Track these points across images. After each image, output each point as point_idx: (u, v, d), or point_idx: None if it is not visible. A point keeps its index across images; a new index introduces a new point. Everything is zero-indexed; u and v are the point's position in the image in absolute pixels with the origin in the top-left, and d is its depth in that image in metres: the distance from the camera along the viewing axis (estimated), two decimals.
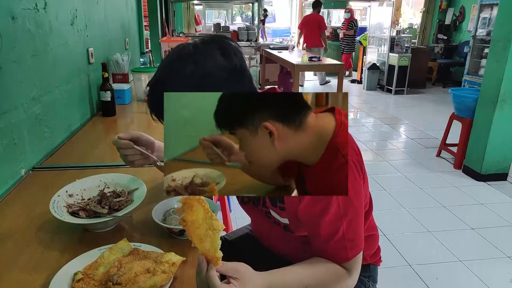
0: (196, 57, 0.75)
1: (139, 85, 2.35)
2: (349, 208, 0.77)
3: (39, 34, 1.43)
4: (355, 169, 0.77)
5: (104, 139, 1.81)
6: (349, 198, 0.76)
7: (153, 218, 0.91)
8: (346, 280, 0.81)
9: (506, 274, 2.17)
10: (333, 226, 0.77)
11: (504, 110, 3.11)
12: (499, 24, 3.14)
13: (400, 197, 3.04)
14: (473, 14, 7.20)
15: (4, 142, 1.17)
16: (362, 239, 0.82)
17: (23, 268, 0.82)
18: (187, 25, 8.31)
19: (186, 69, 0.74)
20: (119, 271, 0.75)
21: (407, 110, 6.03)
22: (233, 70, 0.76)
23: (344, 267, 0.81)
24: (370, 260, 1.08)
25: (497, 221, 2.72)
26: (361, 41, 8.02)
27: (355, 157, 0.78)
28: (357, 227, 0.80)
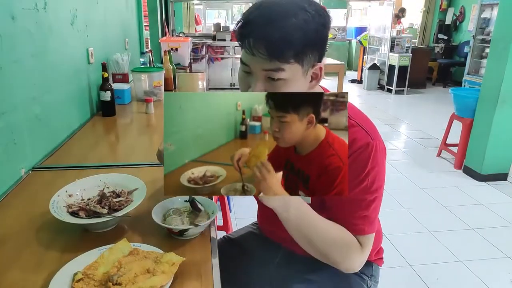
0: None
1: (139, 85, 2.35)
2: (379, 188, 0.83)
3: (39, 34, 1.43)
4: (384, 155, 0.86)
5: (104, 139, 1.81)
6: (381, 178, 0.83)
7: (153, 218, 0.91)
8: (357, 252, 0.83)
9: (506, 274, 2.17)
10: (362, 197, 0.82)
11: (505, 110, 3.11)
12: (499, 24, 3.14)
13: (400, 197, 3.04)
14: (473, 14, 7.21)
15: (4, 142, 1.17)
16: (377, 221, 0.87)
17: (23, 268, 0.82)
18: (187, 25, 8.32)
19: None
20: (119, 271, 0.75)
21: (407, 110, 6.04)
22: None
23: (359, 242, 0.83)
24: (373, 257, 1.08)
25: (497, 221, 2.72)
26: (361, 41, 8.03)
27: (382, 141, 0.85)
28: (377, 208, 0.85)
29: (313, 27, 0.76)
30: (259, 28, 0.75)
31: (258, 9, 0.78)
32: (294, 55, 0.76)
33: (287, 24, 0.74)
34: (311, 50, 0.78)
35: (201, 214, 0.96)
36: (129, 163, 1.38)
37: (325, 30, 0.80)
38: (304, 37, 0.75)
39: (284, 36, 0.74)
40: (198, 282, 0.78)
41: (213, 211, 0.97)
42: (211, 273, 0.81)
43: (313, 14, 0.76)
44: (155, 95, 2.32)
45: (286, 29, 0.74)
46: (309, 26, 0.75)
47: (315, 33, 0.77)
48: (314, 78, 0.84)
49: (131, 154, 1.54)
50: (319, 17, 0.77)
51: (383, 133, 4.84)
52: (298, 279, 1.02)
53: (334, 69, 5.20)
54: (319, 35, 0.78)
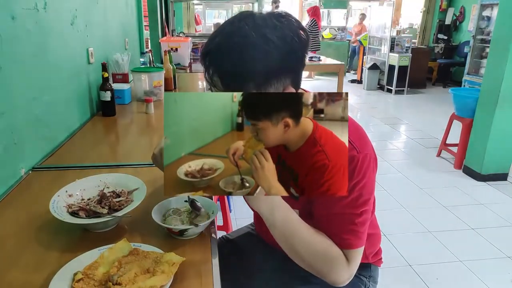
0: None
1: (139, 85, 2.35)
2: (367, 201, 0.81)
3: (39, 34, 1.43)
4: (375, 165, 0.84)
5: (104, 139, 1.81)
6: (369, 191, 0.82)
7: (153, 218, 0.91)
8: (343, 266, 0.81)
9: (506, 274, 2.17)
10: (349, 210, 0.81)
11: (505, 110, 3.11)
12: (499, 24, 3.14)
13: (400, 197, 3.04)
14: (473, 14, 7.20)
15: (4, 142, 1.17)
16: (365, 235, 0.84)
17: (23, 268, 0.82)
18: (187, 25, 8.32)
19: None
20: (119, 271, 0.75)
21: (407, 110, 6.04)
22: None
23: (345, 256, 0.81)
24: (371, 259, 1.08)
25: (497, 221, 2.72)
26: (361, 41, 8.03)
27: (371, 152, 0.83)
28: (366, 222, 0.83)
29: (276, 57, 0.72)
30: (215, 61, 0.74)
31: (216, 38, 0.75)
32: (256, 88, 0.74)
33: (244, 57, 0.71)
34: (277, 79, 0.75)
35: (201, 214, 0.96)
36: (129, 163, 1.38)
37: (295, 55, 0.76)
38: (264, 68, 0.72)
39: (240, 71, 0.72)
40: (198, 282, 0.78)
41: (213, 211, 0.97)
42: (211, 273, 0.81)
43: (276, 43, 0.72)
44: (155, 95, 2.32)
45: (243, 63, 0.71)
46: (270, 56, 0.72)
47: (280, 62, 0.73)
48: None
49: (131, 154, 1.54)
50: (284, 45, 0.73)
51: (383, 133, 4.84)
52: (298, 280, 1.02)
53: (334, 69, 5.21)
54: (286, 63, 0.74)
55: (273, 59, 0.72)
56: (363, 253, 0.87)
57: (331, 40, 9.47)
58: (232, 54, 0.72)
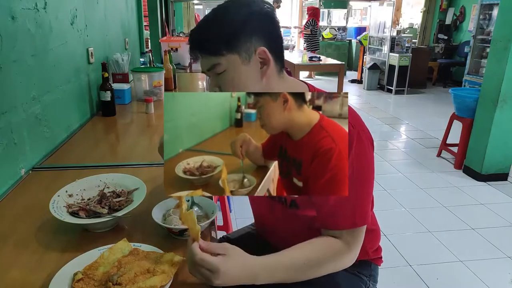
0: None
1: (139, 85, 2.35)
2: (366, 179, 0.82)
3: (39, 34, 1.43)
4: (370, 143, 0.85)
5: (104, 139, 1.81)
6: (365, 168, 0.81)
7: (153, 218, 0.91)
8: (345, 256, 0.81)
9: (506, 274, 2.17)
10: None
11: (505, 110, 3.11)
12: (499, 24, 3.14)
13: (400, 197, 3.04)
14: (473, 14, 7.20)
15: (4, 142, 1.17)
16: (369, 215, 0.85)
17: (23, 268, 0.82)
18: (187, 25, 8.30)
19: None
20: (119, 271, 0.75)
21: (407, 110, 6.03)
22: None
23: (345, 241, 0.82)
24: (372, 255, 1.08)
25: (497, 221, 2.72)
26: (361, 41, 8.03)
27: (367, 133, 0.85)
28: (367, 199, 0.83)
29: (243, 14, 0.77)
30: (192, 35, 0.81)
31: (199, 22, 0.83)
32: (226, 46, 0.77)
33: (212, 22, 0.78)
34: (247, 37, 0.78)
35: (201, 214, 0.96)
36: (129, 163, 1.38)
37: (264, 14, 0.80)
38: (230, 26, 0.77)
39: (206, 32, 0.78)
40: (198, 282, 0.78)
41: (213, 211, 0.97)
42: None
43: (242, 2, 0.79)
44: (155, 95, 2.32)
45: (210, 26, 0.78)
46: (236, 15, 0.77)
47: (247, 20, 0.78)
48: (264, 63, 0.82)
49: (131, 154, 1.54)
50: (252, 4, 0.79)
51: (383, 133, 4.84)
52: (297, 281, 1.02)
53: (334, 69, 5.21)
54: (255, 21, 0.79)
55: (240, 17, 0.77)
56: (363, 249, 0.87)
57: (331, 40, 9.47)
58: (205, 23, 0.80)
